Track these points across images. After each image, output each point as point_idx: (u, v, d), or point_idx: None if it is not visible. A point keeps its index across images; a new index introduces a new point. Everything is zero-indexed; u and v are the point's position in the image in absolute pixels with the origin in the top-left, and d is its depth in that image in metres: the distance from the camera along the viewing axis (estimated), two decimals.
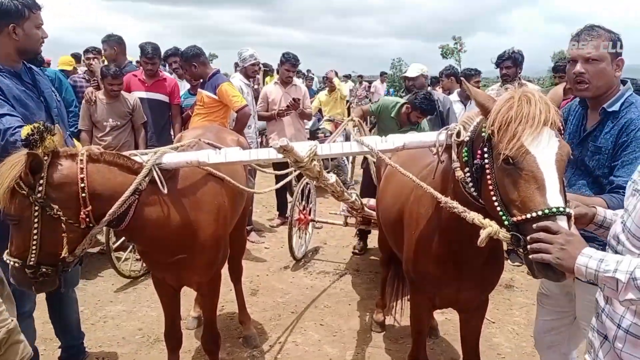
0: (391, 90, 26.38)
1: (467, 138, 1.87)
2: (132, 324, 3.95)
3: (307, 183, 5.32)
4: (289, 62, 6.27)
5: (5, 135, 2.27)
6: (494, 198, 1.67)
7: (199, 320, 3.93)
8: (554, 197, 1.51)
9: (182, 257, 2.39)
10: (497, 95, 4.98)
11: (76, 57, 8.08)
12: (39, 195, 1.94)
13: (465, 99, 5.84)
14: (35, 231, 1.97)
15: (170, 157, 2.30)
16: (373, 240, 5.57)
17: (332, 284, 4.85)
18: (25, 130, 1.90)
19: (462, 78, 2.57)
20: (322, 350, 3.66)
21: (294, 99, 6.00)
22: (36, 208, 1.95)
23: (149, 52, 5.28)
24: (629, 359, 1.43)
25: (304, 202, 5.37)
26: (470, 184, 1.81)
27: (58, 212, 1.98)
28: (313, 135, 7.97)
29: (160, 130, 5.44)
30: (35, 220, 1.96)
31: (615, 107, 2.07)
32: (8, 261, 2.05)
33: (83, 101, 4.94)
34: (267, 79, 11.99)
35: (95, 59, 5.74)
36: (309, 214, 5.48)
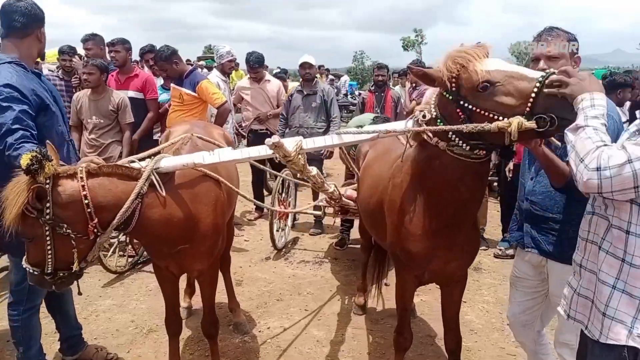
0: (354, 83, 26.63)
1: (434, 112, 2.15)
2: (124, 317, 4.07)
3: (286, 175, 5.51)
4: (248, 64, 6.47)
5: (10, 149, 2.37)
6: (496, 117, 1.90)
7: (189, 311, 4.10)
8: (531, 73, 1.88)
9: (185, 247, 2.56)
10: None
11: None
12: (47, 217, 2.10)
13: None
14: (48, 246, 2.15)
15: (167, 161, 2.46)
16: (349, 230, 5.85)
17: (313, 272, 5.09)
18: (25, 160, 2.01)
19: (409, 66, 2.85)
20: (309, 333, 3.89)
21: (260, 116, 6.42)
22: (46, 227, 2.12)
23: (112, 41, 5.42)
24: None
25: (283, 194, 5.57)
26: (460, 142, 2.07)
27: (67, 230, 2.15)
28: None
29: (138, 127, 5.49)
30: (48, 237, 2.14)
31: None
32: (27, 268, 2.23)
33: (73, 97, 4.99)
34: (233, 74, 12.05)
35: (76, 57, 5.73)
36: (289, 206, 5.68)
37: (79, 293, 2.47)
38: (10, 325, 2.93)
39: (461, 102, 2.00)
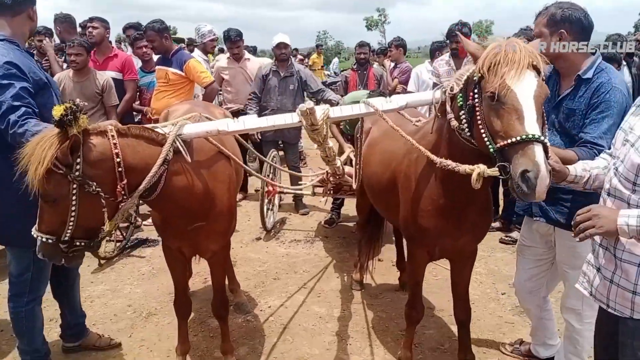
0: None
1: (460, 87, 2.14)
2: (120, 302, 3.99)
3: (273, 157, 5.47)
4: (229, 40, 6.28)
5: (14, 126, 2.25)
6: (482, 131, 1.96)
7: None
8: (531, 126, 1.82)
9: (200, 225, 2.51)
10: (447, 64, 5.33)
11: None
12: (77, 173, 1.99)
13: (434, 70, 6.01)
14: (73, 208, 2.02)
15: (191, 127, 2.39)
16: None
17: (306, 250, 5.10)
18: (58, 111, 1.91)
19: (457, 32, 2.84)
20: (311, 310, 3.91)
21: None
22: (74, 186, 2.00)
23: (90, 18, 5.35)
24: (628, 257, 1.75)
25: (271, 175, 5.53)
26: (466, 129, 2.08)
27: (97, 189, 2.04)
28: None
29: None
30: (74, 197, 2.01)
31: (589, 75, 2.39)
32: (38, 237, 2.09)
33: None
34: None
35: (46, 39, 5.47)
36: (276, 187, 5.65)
37: (100, 264, 2.37)
38: (11, 317, 2.82)
39: (476, 90, 2.01)
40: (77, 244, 2.12)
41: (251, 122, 2.46)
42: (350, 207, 6.19)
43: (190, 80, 4.94)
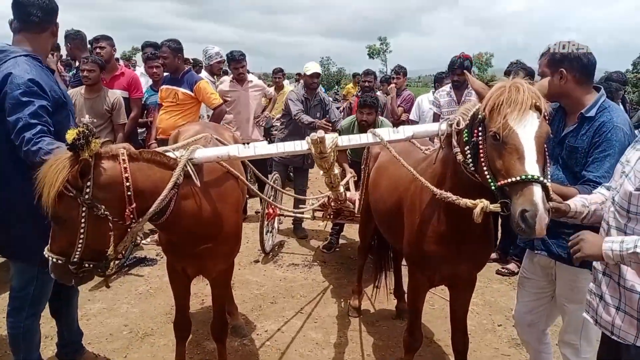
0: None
1: (466, 123, 2.21)
2: (116, 321, 3.97)
3: (275, 180, 5.51)
4: (233, 60, 6.37)
5: (29, 143, 2.28)
6: (485, 168, 2.03)
7: None
8: (531, 167, 1.88)
9: (207, 246, 2.53)
10: (448, 95, 5.44)
11: None
12: (86, 196, 2.02)
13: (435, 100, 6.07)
14: (82, 230, 2.05)
15: (202, 152, 2.44)
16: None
17: (304, 275, 5.09)
18: (71, 135, 1.94)
19: (465, 71, 2.93)
20: (307, 336, 3.90)
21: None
22: (83, 209, 2.03)
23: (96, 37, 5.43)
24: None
25: (272, 197, 5.55)
26: (470, 163, 2.14)
27: (105, 212, 2.07)
28: (267, 132, 8.12)
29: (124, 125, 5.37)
30: (82, 220, 2.04)
31: (592, 113, 2.45)
32: (50, 258, 2.12)
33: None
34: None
35: (54, 55, 5.54)
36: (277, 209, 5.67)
37: (107, 286, 2.40)
38: (9, 332, 2.80)
39: (480, 128, 2.07)
40: (86, 265, 2.14)
41: (262, 148, 2.51)
42: (348, 232, 6.22)
43: (198, 101, 5.01)
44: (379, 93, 7.41)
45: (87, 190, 2.02)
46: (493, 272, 5.25)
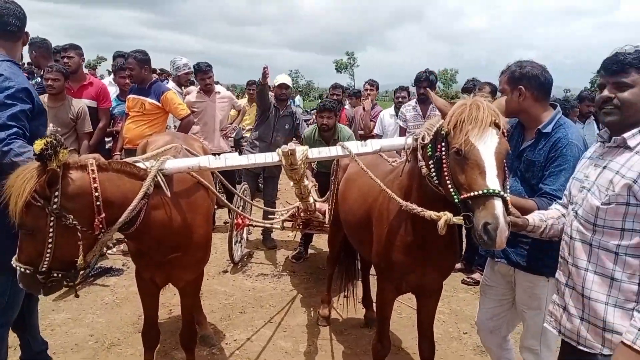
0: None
1: (430, 138, 2.31)
2: (82, 331, 3.90)
3: (244, 190, 5.53)
4: (200, 71, 6.37)
5: (1, 143, 2.25)
6: (448, 182, 2.12)
7: None
8: (492, 182, 1.98)
9: (176, 256, 2.54)
10: (414, 110, 5.61)
11: None
12: (54, 206, 2.02)
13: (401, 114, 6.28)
14: (50, 240, 2.05)
15: (173, 162, 2.46)
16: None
17: (273, 285, 5.11)
18: (39, 145, 1.94)
19: (427, 89, 3.04)
20: (277, 345, 3.92)
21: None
22: (51, 218, 2.03)
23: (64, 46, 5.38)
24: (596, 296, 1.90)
25: (241, 208, 5.56)
26: (434, 177, 2.24)
27: (73, 222, 2.07)
28: (237, 143, 8.13)
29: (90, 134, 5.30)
30: (50, 229, 2.04)
31: (549, 129, 2.58)
32: (17, 267, 2.10)
33: None
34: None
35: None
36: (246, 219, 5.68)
37: (76, 295, 2.39)
38: None
39: (443, 143, 2.18)
40: (55, 275, 2.13)
41: (232, 160, 2.55)
42: (317, 242, 6.27)
43: (166, 112, 5.00)
44: (347, 106, 7.52)
45: (55, 200, 2.03)
46: (459, 281, 5.39)
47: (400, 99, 6.48)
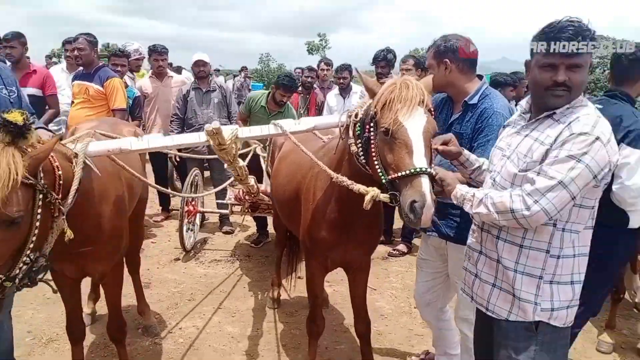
0: (260, 85, 26.70)
1: (361, 116, 2.25)
2: (19, 327, 3.74)
3: (195, 175, 5.41)
4: (155, 52, 6.26)
5: None
6: (376, 162, 2.08)
7: (93, 317, 3.89)
8: (419, 160, 1.94)
9: (86, 249, 2.41)
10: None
11: None
12: (42, 181, 1.89)
13: (344, 92, 6.30)
14: (37, 222, 1.88)
15: (94, 145, 2.32)
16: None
17: (226, 270, 5.03)
18: (21, 116, 1.79)
19: (355, 68, 2.97)
20: (223, 330, 3.85)
21: None
22: (40, 197, 1.89)
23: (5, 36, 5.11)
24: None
25: (193, 193, 5.44)
26: (362, 156, 2.19)
27: (57, 197, 1.95)
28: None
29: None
30: (39, 211, 1.89)
31: (474, 100, 2.56)
32: None
33: None
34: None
35: None
36: (197, 206, 5.57)
37: (54, 291, 2.29)
38: None
39: (372, 123, 2.11)
40: (18, 270, 1.89)
41: (156, 141, 2.42)
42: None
43: None
44: (317, 90, 7.29)
45: (42, 175, 1.91)
46: (414, 257, 5.37)
47: (342, 80, 6.30)
